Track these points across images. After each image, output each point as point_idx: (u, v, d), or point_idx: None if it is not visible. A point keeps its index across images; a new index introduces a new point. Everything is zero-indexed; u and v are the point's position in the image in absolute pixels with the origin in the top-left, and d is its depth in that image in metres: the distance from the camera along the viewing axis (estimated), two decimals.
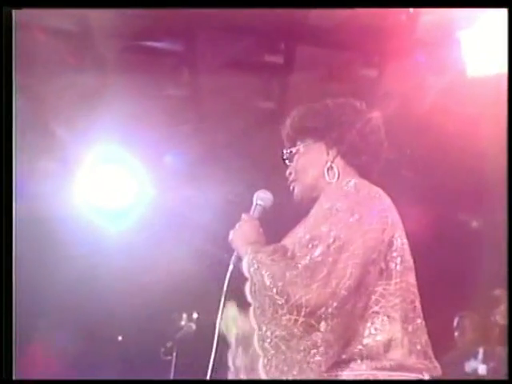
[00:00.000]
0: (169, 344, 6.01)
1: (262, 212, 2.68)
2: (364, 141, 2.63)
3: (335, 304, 2.22)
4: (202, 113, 6.07)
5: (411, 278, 2.44)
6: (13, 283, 2.90)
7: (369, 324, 2.33)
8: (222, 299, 2.51)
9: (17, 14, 3.45)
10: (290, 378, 2.23)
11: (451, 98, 5.20)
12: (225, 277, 2.52)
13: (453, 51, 4.97)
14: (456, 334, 6.49)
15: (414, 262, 2.52)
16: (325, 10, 4.75)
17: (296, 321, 2.22)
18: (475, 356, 6.06)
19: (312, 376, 2.23)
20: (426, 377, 2.37)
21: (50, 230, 6.21)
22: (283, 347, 2.24)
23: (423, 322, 2.44)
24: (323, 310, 2.21)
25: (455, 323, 6.52)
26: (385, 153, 2.69)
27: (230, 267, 2.52)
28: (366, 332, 2.32)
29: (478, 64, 4.82)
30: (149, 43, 5.48)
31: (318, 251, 2.28)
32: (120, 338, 6.28)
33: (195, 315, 6.19)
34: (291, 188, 2.71)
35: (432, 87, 5.37)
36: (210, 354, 2.47)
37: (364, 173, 2.64)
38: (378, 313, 2.34)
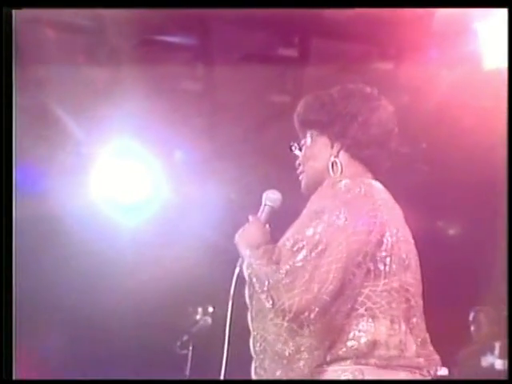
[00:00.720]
0: (185, 338, 6.09)
1: (271, 213, 2.64)
2: (368, 133, 2.54)
3: (317, 309, 2.21)
4: (216, 107, 6.02)
5: (406, 277, 2.39)
6: (13, 281, 2.92)
7: (354, 326, 2.30)
8: (230, 303, 2.51)
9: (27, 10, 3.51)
10: None
11: (468, 92, 5.14)
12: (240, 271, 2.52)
13: (469, 44, 4.91)
14: (472, 328, 6.44)
15: (424, 257, 2.48)
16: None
17: (281, 326, 2.24)
18: (492, 351, 6.00)
19: (296, 379, 2.27)
20: (418, 376, 2.35)
21: (63, 226, 6.19)
22: (270, 352, 2.29)
23: (419, 320, 2.41)
24: (306, 314, 2.21)
25: (471, 317, 6.46)
26: (394, 143, 2.61)
27: (236, 270, 2.51)
28: (351, 334, 2.29)
29: (494, 57, 4.76)
30: (162, 37, 5.45)
31: (300, 255, 2.27)
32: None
33: (211, 309, 6.18)
34: (300, 179, 2.67)
35: (447, 80, 5.30)
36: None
37: (371, 166, 2.58)
38: (363, 315, 2.31)
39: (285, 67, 5.62)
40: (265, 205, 2.65)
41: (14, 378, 2.93)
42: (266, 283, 2.27)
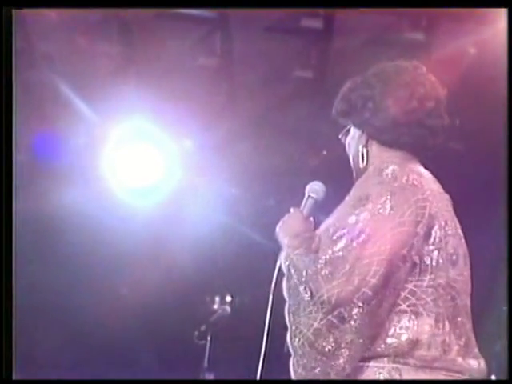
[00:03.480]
0: (202, 328, 5.94)
1: (315, 205, 2.55)
2: (382, 117, 2.42)
3: (360, 303, 2.16)
4: (236, 84, 5.80)
5: (453, 273, 2.32)
6: (13, 269, 2.93)
7: (395, 322, 2.24)
8: (271, 297, 2.44)
9: None
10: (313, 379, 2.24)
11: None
12: (257, 258, 2.45)
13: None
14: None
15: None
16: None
17: (321, 320, 2.19)
18: None
19: (334, 378, 2.21)
20: (462, 377, 2.27)
21: (73, 209, 6.04)
22: (308, 348, 2.22)
23: (465, 320, 2.33)
24: (346, 308, 2.16)
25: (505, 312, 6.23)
26: (431, 121, 2.44)
27: (278, 264, 2.43)
28: (391, 331, 2.23)
29: None
30: (179, 10, 5.20)
31: (340, 244, 2.21)
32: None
33: (229, 298, 6.06)
34: None
35: (484, 51, 5.05)
36: (246, 338, 2.59)
37: (404, 151, 2.45)
38: (405, 311, 2.25)
39: (308, 40, 5.42)
40: (308, 196, 2.57)
41: (13, 378, 2.97)
42: (304, 274, 2.23)
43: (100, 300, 6.32)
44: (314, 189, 2.55)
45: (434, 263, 2.27)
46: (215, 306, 6.11)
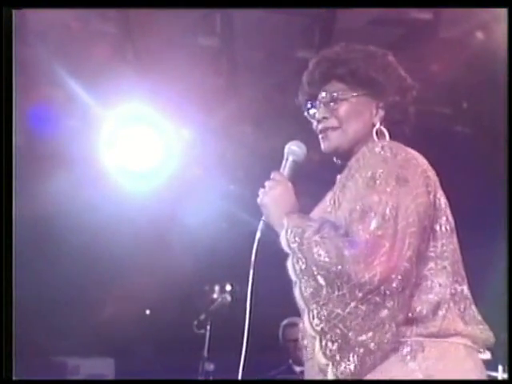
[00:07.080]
0: (202, 317, 5.89)
1: (294, 167, 2.47)
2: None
3: (400, 277, 2.15)
4: (236, 64, 5.68)
5: (455, 240, 2.38)
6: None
7: (418, 289, 2.25)
8: (251, 272, 2.39)
9: None
10: (356, 360, 2.13)
11: None
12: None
13: None
14: None
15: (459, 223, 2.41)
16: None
17: (359, 300, 2.14)
18: None
19: (380, 354, 2.15)
20: (475, 345, 2.29)
21: (73, 192, 5.98)
22: (344, 329, 2.15)
23: (465, 288, 2.35)
24: (387, 285, 2.14)
25: None
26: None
27: (258, 235, 2.40)
28: (416, 295, 2.24)
29: None
30: None
31: (374, 224, 2.19)
32: (148, 312, 6.10)
33: (228, 287, 5.98)
34: (324, 135, 2.49)
35: (494, 32, 4.91)
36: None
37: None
38: (426, 276, 2.27)
39: (311, 20, 5.29)
40: (287, 159, 2.49)
41: (13, 378, 2.95)
42: (341, 257, 2.15)
43: (98, 289, 6.27)
44: (293, 150, 2.49)
45: (443, 229, 2.32)
46: (215, 295, 6.05)
